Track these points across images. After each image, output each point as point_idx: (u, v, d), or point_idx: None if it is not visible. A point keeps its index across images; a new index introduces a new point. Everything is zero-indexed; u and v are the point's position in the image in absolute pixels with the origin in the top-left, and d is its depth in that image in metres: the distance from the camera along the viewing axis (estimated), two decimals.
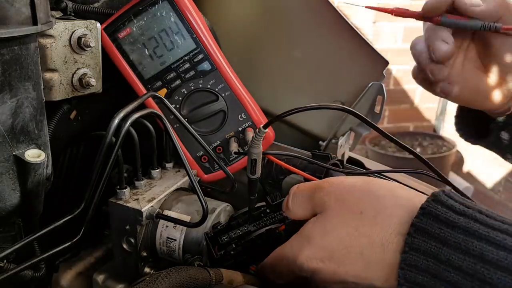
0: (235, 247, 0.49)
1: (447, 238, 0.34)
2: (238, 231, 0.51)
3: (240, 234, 0.50)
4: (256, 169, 0.46)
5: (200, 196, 0.49)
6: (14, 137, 0.41)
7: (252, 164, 0.45)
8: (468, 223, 0.34)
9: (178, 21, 0.58)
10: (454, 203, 0.36)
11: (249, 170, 0.46)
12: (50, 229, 0.43)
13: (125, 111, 0.48)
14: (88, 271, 0.62)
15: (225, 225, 0.51)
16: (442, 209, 0.35)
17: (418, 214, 0.36)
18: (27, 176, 0.43)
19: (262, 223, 0.51)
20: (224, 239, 0.50)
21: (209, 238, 0.51)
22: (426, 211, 0.35)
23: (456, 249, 0.33)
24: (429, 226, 0.35)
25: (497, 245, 0.32)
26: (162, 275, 0.40)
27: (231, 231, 0.51)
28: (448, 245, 0.33)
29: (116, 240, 0.54)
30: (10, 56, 0.39)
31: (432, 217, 0.35)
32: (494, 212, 0.36)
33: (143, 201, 0.53)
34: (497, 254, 0.32)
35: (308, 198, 0.43)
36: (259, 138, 0.44)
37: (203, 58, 0.60)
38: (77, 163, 0.59)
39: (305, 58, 0.70)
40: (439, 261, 0.33)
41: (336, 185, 0.42)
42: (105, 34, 0.57)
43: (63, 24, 0.50)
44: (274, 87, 0.72)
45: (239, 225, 0.51)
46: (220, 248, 0.50)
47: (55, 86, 0.50)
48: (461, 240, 0.33)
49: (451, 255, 0.33)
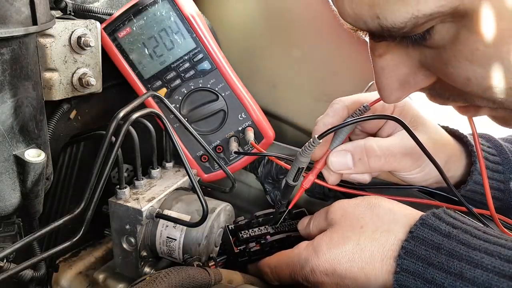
0: (255, 245, 0.50)
1: (432, 259, 0.37)
2: (259, 230, 0.52)
3: (260, 234, 0.51)
4: (300, 176, 0.46)
5: (200, 195, 0.49)
6: (14, 136, 0.41)
7: (298, 171, 0.46)
8: (451, 244, 0.37)
9: (178, 21, 0.58)
10: (441, 225, 0.39)
11: (291, 177, 0.47)
12: (50, 229, 0.43)
13: (125, 111, 0.48)
14: (88, 271, 0.62)
15: (246, 222, 0.52)
16: (428, 232, 0.39)
17: (408, 237, 0.39)
18: (27, 175, 0.43)
19: (281, 227, 0.53)
20: (244, 235, 0.51)
21: (230, 231, 0.51)
22: (414, 234, 0.39)
23: (440, 269, 0.37)
24: (416, 248, 0.38)
25: (475, 264, 0.35)
26: (161, 275, 0.40)
27: (251, 229, 0.52)
28: (433, 265, 0.37)
29: (116, 239, 0.54)
30: (10, 56, 0.39)
31: (419, 240, 0.39)
32: (482, 229, 0.39)
33: (143, 201, 0.53)
34: (474, 272, 0.35)
35: (324, 218, 0.47)
36: (312, 148, 0.43)
37: (203, 58, 0.60)
38: (77, 163, 0.59)
39: (305, 58, 0.69)
40: (426, 281, 0.37)
41: (343, 203, 0.46)
42: (105, 34, 0.57)
43: (63, 24, 0.50)
44: (274, 87, 0.72)
45: (260, 224, 0.52)
46: (238, 243, 0.51)
47: (55, 85, 0.50)
48: (444, 260, 0.37)
49: (435, 274, 0.37)
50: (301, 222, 0.51)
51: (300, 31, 0.69)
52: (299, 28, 0.69)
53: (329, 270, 0.42)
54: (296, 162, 0.45)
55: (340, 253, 0.42)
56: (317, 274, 0.42)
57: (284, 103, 0.72)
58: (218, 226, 0.55)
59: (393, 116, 0.45)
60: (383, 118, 0.48)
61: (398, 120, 0.45)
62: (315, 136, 0.43)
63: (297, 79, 0.71)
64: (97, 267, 0.61)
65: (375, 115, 0.47)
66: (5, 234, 0.48)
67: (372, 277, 0.40)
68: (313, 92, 0.70)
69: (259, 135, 0.64)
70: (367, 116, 0.46)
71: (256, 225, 0.52)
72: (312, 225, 0.49)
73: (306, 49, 0.69)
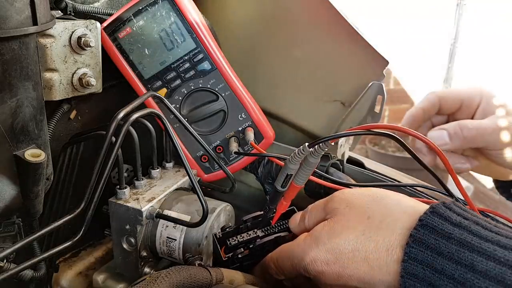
0: (243, 251, 0.49)
1: (442, 249, 0.36)
2: (247, 235, 0.51)
3: (248, 238, 0.51)
4: (288, 183, 0.46)
5: (200, 196, 0.49)
6: (14, 136, 0.41)
7: (287, 178, 0.45)
8: (462, 234, 0.36)
9: (178, 21, 0.58)
10: (452, 215, 0.38)
11: (280, 183, 0.46)
12: (50, 229, 0.43)
13: (125, 111, 0.48)
14: (88, 271, 0.62)
15: (234, 228, 0.51)
16: (438, 221, 0.37)
17: (417, 225, 0.38)
18: (27, 176, 0.43)
19: (271, 229, 0.52)
20: (233, 242, 0.50)
21: (217, 239, 0.51)
22: (424, 222, 0.38)
23: (450, 259, 0.35)
24: (425, 237, 0.37)
25: (487, 256, 0.34)
26: (162, 275, 0.40)
27: (239, 234, 0.51)
28: (443, 255, 0.36)
29: (116, 239, 0.54)
30: (10, 56, 0.39)
31: (429, 228, 0.37)
32: (493, 222, 0.38)
33: (143, 201, 0.53)
34: (487, 265, 0.34)
35: (322, 209, 0.46)
36: (301, 155, 0.42)
37: (203, 58, 0.60)
38: (77, 163, 0.59)
39: (305, 58, 0.69)
40: (435, 270, 0.36)
41: (347, 193, 0.45)
42: (105, 34, 0.57)
43: (63, 24, 0.50)
44: (274, 87, 0.72)
45: (248, 229, 0.51)
46: (228, 250, 0.50)
47: (55, 85, 0.50)
48: (454, 251, 0.35)
49: (445, 265, 0.35)
50: (292, 219, 0.50)
51: (300, 31, 0.69)
52: (299, 28, 0.69)
53: (330, 259, 0.41)
54: (284, 168, 0.44)
55: (343, 243, 0.41)
56: (317, 264, 0.41)
57: (284, 103, 0.72)
58: (218, 226, 0.55)
59: (388, 133, 0.43)
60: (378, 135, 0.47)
61: (393, 136, 0.43)
62: (305, 144, 0.42)
63: (297, 79, 0.71)
64: (97, 267, 0.61)
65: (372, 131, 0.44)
66: (5, 234, 0.48)
67: (376, 267, 0.39)
68: (313, 92, 0.70)
69: (259, 136, 0.64)
70: (362, 130, 0.44)
71: (245, 230, 0.52)
72: (308, 219, 0.47)
73: (306, 49, 0.69)
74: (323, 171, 0.60)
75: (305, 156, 0.42)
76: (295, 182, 0.45)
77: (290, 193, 0.47)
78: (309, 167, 0.43)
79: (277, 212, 0.50)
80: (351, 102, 0.68)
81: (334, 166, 0.62)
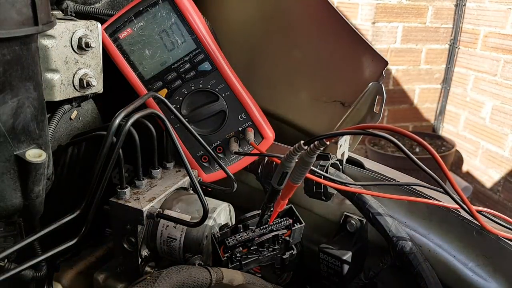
0: (242, 250, 0.50)
1: None
2: (245, 234, 0.51)
3: (247, 238, 0.51)
4: (284, 181, 0.46)
5: (201, 195, 0.50)
6: (15, 137, 0.42)
7: (283, 176, 0.45)
8: None
9: (178, 22, 0.59)
10: None
11: (276, 181, 0.46)
12: (51, 229, 0.43)
13: (126, 111, 0.48)
14: (89, 271, 0.62)
15: (232, 228, 0.51)
16: None
17: None
18: (28, 176, 0.43)
19: (269, 228, 0.52)
20: (231, 242, 0.50)
21: (216, 240, 0.51)
22: None
23: None
24: None
25: None
26: (162, 274, 0.40)
27: (238, 234, 0.51)
28: None
29: (117, 239, 0.54)
30: (11, 56, 0.39)
31: None
32: None
33: (143, 201, 0.53)
34: None
35: None
36: (296, 153, 0.43)
37: (203, 59, 0.60)
38: (77, 163, 0.59)
39: (305, 58, 0.70)
40: None
41: None
42: (106, 35, 0.58)
43: (64, 25, 0.50)
44: (274, 88, 0.72)
45: (246, 228, 0.52)
46: (227, 250, 0.51)
47: (56, 86, 0.51)
48: None
49: None
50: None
51: (300, 32, 0.69)
52: (299, 28, 0.69)
53: None
54: (281, 167, 0.45)
55: None
56: None
57: (284, 104, 0.73)
58: (218, 226, 0.55)
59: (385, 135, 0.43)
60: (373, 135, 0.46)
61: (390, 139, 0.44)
62: (301, 142, 0.42)
63: (297, 79, 0.71)
64: (98, 267, 0.61)
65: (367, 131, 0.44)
66: (6, 234, 0.48)
67: None
68: (313, 92, 0.71)
69: (259, 136, 0.64)
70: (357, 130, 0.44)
71: (243, 229, 0.52)
72: None
73: (306, 50, 0.69)
74: (323, 171, 0.60)
75: (301, 155, 0.43)
76: (291, 181, 0.45)
77: (287, 192, 0.48)
78: (305, 165, 0.43)
79: (274, 211, 0.50)
80: (351, 102, 0.68)
81: (333, 166, 0.62)
